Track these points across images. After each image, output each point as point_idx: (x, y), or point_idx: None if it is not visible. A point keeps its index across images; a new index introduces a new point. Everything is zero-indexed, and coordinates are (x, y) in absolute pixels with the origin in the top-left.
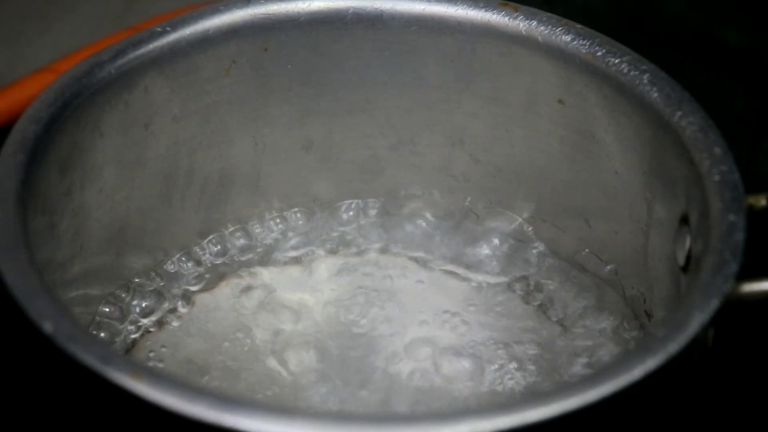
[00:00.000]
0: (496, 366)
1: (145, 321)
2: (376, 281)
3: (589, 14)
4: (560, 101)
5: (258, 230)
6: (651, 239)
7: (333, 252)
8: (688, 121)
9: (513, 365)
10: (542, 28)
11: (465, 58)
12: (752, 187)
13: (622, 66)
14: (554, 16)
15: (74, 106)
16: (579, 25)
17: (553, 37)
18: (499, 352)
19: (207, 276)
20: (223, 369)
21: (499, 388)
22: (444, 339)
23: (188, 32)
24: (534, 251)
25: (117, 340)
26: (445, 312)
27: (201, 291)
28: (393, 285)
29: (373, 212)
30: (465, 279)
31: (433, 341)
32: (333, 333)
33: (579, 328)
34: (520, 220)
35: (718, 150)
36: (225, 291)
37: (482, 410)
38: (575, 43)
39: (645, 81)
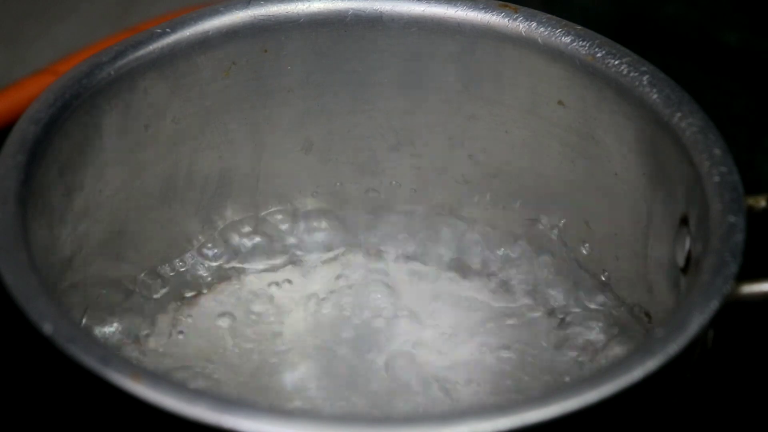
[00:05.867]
0: (494, 366)
1: (144, 322)
2: (376, 282)
3: (588, 15)
4: (560, 102)
5: (257, 231)
6: (651, 240)
7: (333, 253)
8: (688, 122)
9: (509, 365)
10: (542, 29)
11: (464, 60)
12: (752, 187)
13: (622, 67)
14: (554, 17)
15: (74, 108)
16: (579, 27)
17: (553, 39)
18: (496, 351)
19: (207, 277)
20: (222, 370)
21: (498, 388)
22: (444, 339)
23: (188, 33)
24: (533, 252)
25: (116, 340)
26: (444, 311)
27: (201, 292)
28: (393, 286)
29: (372, 214)
30: (464, 280)
31: (434, 341)
32: (332, 333)
33: (578, 329)
34: (519, 221)
35: (717, 151)
36: (225, 292)
37: (482, 411)
38: (575, 44)
39: (645, 82)
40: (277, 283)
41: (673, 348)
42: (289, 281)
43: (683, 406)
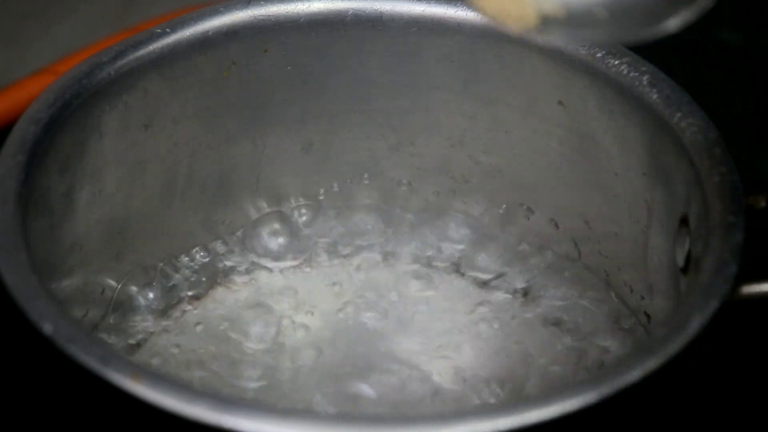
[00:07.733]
0: (493, 366)
1: (144, 323)
2: (376, 282)
3: None
4: (560, 102)
5: (258, 231)
6: (651, 240)
7: (333, 253)
8: (688, 122)
9: (509, 364)
10: None
11: (464, 60)
12: (752, 187)
13: (622, 67)
14: None
15: (74, 107)
16: None
17: None
18: (496, 351)
19: (207, 277)
20: (222, 369)
21: (497, 387)
22: (444, 338)
23: (188, 33)
24: (533, 252)
25: (117, 340)
26: (444, 311)
27: (200, 292)
28: (392, 285)
29: (372, 213)
30: (464, 279)
31: (434, 340)
32: (332, 333)
33: (577, 328)
34: (519, 221)
35: (717, 151)
36: (225, 292)
37: (482, 411)
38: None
39: (645, 82)
40: (275, 284)
41: (673, 348)
42: (289, 282)
43: (683, 406)
